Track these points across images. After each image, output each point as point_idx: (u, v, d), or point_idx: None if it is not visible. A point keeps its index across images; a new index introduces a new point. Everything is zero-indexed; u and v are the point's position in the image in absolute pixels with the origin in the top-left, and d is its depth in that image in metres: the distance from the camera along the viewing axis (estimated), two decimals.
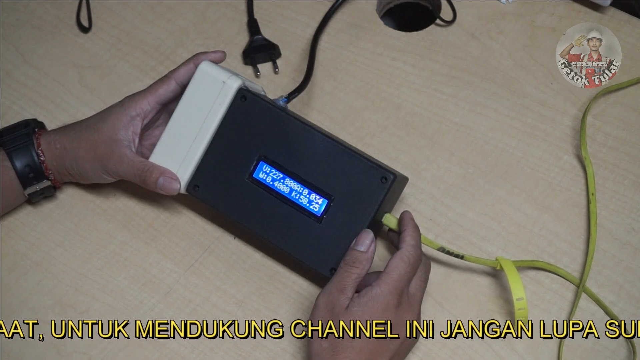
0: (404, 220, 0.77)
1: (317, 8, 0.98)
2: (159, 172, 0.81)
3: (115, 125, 0.82)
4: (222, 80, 0.81)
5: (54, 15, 1.00)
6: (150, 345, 0.81)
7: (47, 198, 0.88)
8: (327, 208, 0.78)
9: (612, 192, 0.86)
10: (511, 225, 0.85)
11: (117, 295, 0.83)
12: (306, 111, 0.92)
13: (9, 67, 0.96)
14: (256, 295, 0.83)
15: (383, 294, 0.72)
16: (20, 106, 0.94)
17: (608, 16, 0.95)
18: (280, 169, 0.80)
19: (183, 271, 0.84)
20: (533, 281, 0.82)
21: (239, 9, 0.99)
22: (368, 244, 0.75)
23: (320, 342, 0.72)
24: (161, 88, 0.83)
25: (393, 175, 0.77)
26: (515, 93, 0.92)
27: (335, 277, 0.74)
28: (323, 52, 0.95)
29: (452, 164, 0.88)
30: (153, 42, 0.97)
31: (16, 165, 0.83)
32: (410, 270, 0.74)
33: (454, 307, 0.81)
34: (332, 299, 0.73)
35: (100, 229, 0.87)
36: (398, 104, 0.92)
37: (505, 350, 0.79)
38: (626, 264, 0.82)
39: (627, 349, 0.79)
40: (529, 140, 0.89)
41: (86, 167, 0.83)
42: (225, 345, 0.81)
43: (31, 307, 0.83)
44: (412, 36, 0.96)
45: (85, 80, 0.95)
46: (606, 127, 0.89)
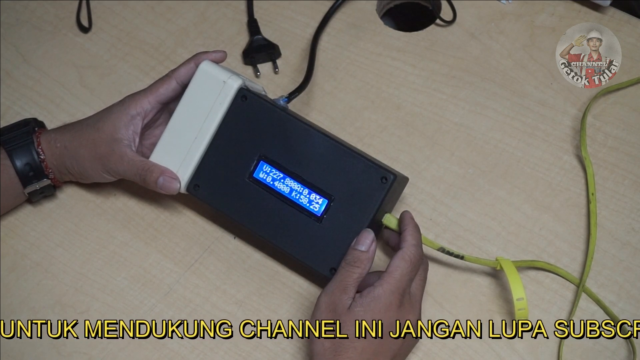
0: (404, 220, 0.77)
1: (317, 8, 0.98)
2: (159, 171, 0.81)
3: (115, 125, 0.82)
4: (222, 80, 0.81)
5: (54, 15, 1.00)
6: (150, 345, 0.81)
7: (47, 197, 0.88)
8: (327, 208, 0.78)
9: (612, 192, 0.86)
10: (511, 225, 0.85)
11: (117, 295, 0.83)
12: (306, 111, 0.92)
13: (9, 67, 0.96)
14: (256, 295, 0.83)
15: (385, 294, 0.72)
16: (20, 106, 0.94)
17: (608, 16, 0.95)
18: (280, 169, 0.80)
19: (183, 271, 0.84)
20: (533, 281, 0.82)
21: (239, 9, 0.99)
22: (369, 244, 0.75)
23: (323, 342, 0.72)
24: (162, 87, 0.83)
25: (393, 176, 0.77)
26: (515, 93, 0.92)
27: (336, 276, 0.74)
28: (323, 52, 0.95)
29: (452, 164, 0.88)
30: (153, 42, 0.97)
31: (16, 163, 0.83)
32: (412, 270, 0.74)
33: (454, 307, 0.81)
34: (334, 299, 0.73)
35: (100, 229, 0.87)
36: (398, 104, 0.92)
37: (505, 350, 0.79)
38: (626, 264, 0.82)
39: (627, 349, 0.79)
40: (529, 140, 0.89)
41: (86, 166, 0.83)
42: (225, 345, 0.81)
43: (31, 307, 0.83)
44: (412, 36, 0.96)
45: (85, 80, 0.95)
46: (606, 127, 0.89)
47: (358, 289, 0.74)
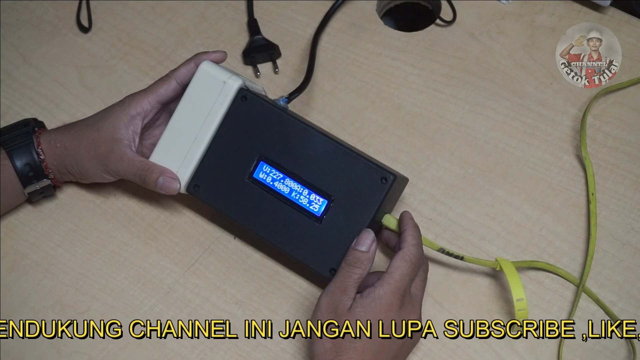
0: (404, 220, 0.77)
1: (317, 8, 0.98)
2: (159, 171, 0.81)
3: (115, 125, 0.82)
4: (222, 80, 0.81)
5: (54, 15, 1.00)
6: (150, 345, 0.81)
7: (47, 197, 0.88)
8: (327, 208, 0.78)
9: (612, 192, 0.86)
10: (511, 225, 0.85)
11: (117, 295, 0.83)
12: (306, 111, 0.92)
13: (9, 67, 0.96)
14: (256, 295, 0.83)
15: (386, 295, 0.72)
16: (20, 106, 0.94)
17: (608, 16, 0.95)
18: (280, 169, 0.80)
19: (183, 271, 0.84)
20: (533, 281, 0.82)
21: (239, 9, 0.99)
22: (369, 244, 0.75)
23: (323, 343, 0.72)
24: (162, 87, 0.83)
25: (393, 176, 0.77)
26: (515, 93, 0.92)
27: (337, 277, 0.74)
28: (323, 52, 0.95)
29: (452, 164, 0.88)
30: (153, 42, 0.97)
31: (16, 164, 0.83)
32: (413, 270, 0.74)
33: (454, 307, 0.81)
34: (334, 299, 0.73)
35: (100, 229, 0.87)
36: (398, 104, 0.92)
37: (505, 350, 0.79)
38: (626, 264, 0.82)
39: (627, 349, 0.79)
40: (529, 140, 0.89)
41: (86, 166, 0.83)
42: (225, 345, 0.81)
43: (31, 307, 0.83)
44: (412, 36, 0.96)
45: (85, 80, 0.95)
46: (606, 127, 0.89)
47: (358, 290, 0.74)
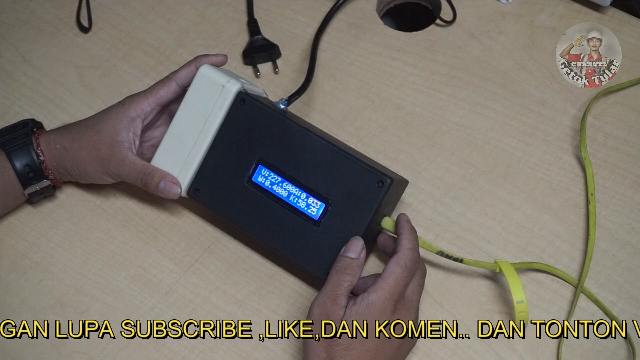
0: (400, 223, 0.77)
1: (317, 8, 0.98)
2: (161, 176, 0.81)
3: (115, 127, 0.82)
4: (221, 84, 0.81)
5: (54, 15, 1.00)
6: (150, 345, 0.81)
7: (47, 198, 0.88)
8: (324, 212, 0.78)
9: (612, 192, 0.86)
10: (511, 225, 0.85)
11: (117, 295, 0.84)
12: (306, 111, 0.92)
13: (9, 67, 0.96)
14: (256, 295, 0.83)
15: (380, 301, 0.72)
16: (20, 106, 0.94)
17: (608, 16, 0.95)
18: (278, 173, 0.80)
19: (183, 271, 0.84)
20: (533, 281, 0.82)
21: (239, 9, 0.99)
22: (359, 251, 0.74)
23: (318, 353, 0.72)
24: (162, 89, 0.83)
25: (390, 180, 0.77)
26: (515, 93, 0.92)
27: (327, 286, 0.73)
28: (323, 52, 0.95)
29: (452, 164, 0.88)
30: (153, 42, 0.97)
31: (16, 165, 0.83)
32: (407, 275, 0.73)
33: (453, 307, 0.81)
34: (326, 310, 0.72)
35: (100, 229, 0.87)
36: (398, 104, 0.92)
37: (505, 350, 0.79)
38: (626, 264, 0.82)
39: (627, 349, 0.79)
40: (529, 140, 0.89)
41: (87, 168, 0.83)
42: (225, 345, 0.81)
43: (31, 307, 0.83)
44: (412, 36, 0.96)
45: (85, 80, 0.96)
46: (606, 127, 0.89)
47: (354, 292, 0.74)
